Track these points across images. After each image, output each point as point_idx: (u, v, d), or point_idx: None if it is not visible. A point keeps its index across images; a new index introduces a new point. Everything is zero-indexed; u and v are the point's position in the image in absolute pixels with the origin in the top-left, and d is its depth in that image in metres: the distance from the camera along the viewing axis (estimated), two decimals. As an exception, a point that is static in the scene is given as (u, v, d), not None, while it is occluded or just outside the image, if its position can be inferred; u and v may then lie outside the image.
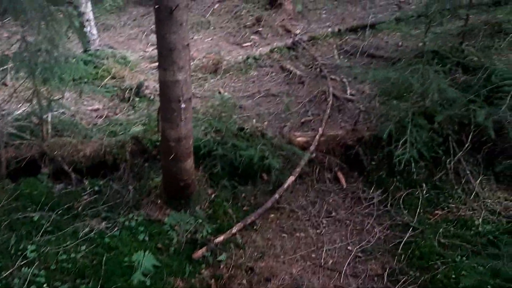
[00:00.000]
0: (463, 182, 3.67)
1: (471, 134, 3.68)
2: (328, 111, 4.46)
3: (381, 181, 3.86)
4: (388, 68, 4.32)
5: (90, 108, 4.87)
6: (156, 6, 2.69)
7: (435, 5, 4.53)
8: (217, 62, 5.89)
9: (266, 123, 4.51)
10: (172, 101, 2.92)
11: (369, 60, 5.90)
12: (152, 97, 5.04)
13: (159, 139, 3.39)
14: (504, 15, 5.90)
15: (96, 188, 3.67)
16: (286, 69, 5.75)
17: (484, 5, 6.24)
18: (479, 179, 3.66)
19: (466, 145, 3.69)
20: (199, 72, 5.79)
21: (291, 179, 3.72)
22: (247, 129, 4.09)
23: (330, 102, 4.62)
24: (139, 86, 5.27)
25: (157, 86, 5.18)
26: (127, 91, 5.15)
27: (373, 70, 3.85)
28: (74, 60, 5.23)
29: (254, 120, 4.51)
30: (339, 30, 6.50)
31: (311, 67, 5.77)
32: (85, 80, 5.29)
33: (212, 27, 7.14)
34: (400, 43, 6.27)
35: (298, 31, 6.66)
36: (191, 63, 5.94)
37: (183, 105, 2.94)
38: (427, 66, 3.42)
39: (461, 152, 3.70)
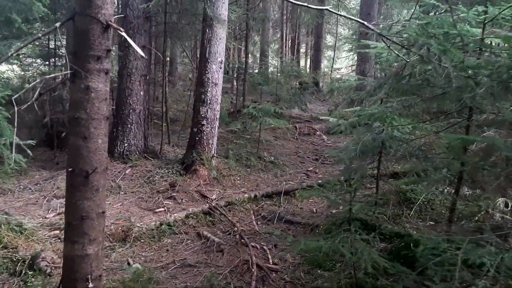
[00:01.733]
0: None
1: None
2: (254, 284, 4.09)
3: None
4: (317, 236, 4.22)
5: (-33, 286, 4.02)
6: (70, 169, 2.38)
7: (353, 173, 4.75)
8: (127, 229, 5.41)
9: (183, 299, 3.99)
10: (78, 280, 2.42)
11: (287, 226, 5.83)
12: (49, 270, 4.33)
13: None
14: (405, 185, 6.39)
15: None
16: (203, 236, 5.42)
17: (384, 176, 6.77)
18: None
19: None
20: (107, 240, 5.22)
21: None
22: (163, 309, 3.55)
23: (255, 273, 4.28)
24: (35, 257, 4.56)
25: (56, 257, 4.55)
26: (19, 263, 4.39)
27: (303, 240, 3.67)
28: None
29: (170, 297, 3.97)
30: (255, 196, 6.52)
31: (230, 234, 5.52)
32: (-32, 251, 4.48)
33: (123, 192, 6.79)
34: (314, 210, 6.38)
35: (214, 196, 6.55)
36: (98, 230, 5.42)
37: (91, 285, 2.44)
38: (356, 235, 3.33)
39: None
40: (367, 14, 12.84)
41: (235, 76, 15.80)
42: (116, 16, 6.85)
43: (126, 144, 7.81)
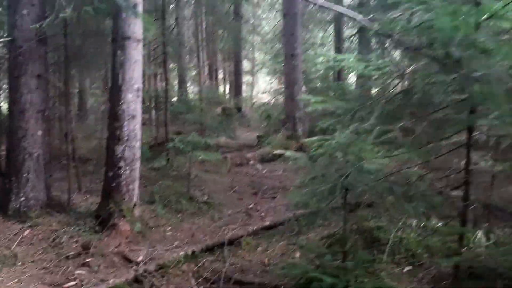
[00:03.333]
0: None
1: None
2: None
3: None
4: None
5: None
6: None
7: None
8: (22, 323, 3.94)
9: None
10: None
11: (238, 290, 4.67)
12: None
13: None
14: (364, 218, 5.60)
15: None
16: (130, 319, 4.09)
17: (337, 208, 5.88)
18: None
19: None
20: None
21: None
22: None
23: None
24: None
25: None
26: None
27: None
28: None
29: None
30: (193, 252, 5.27)
31: (165, 311, 4.24)
32: None
33: (20, 263, 5.21)
34: (266, 261, 5.28)
35: (140, 258, 5.19)
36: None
37: None
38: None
39: None
40: (291, 35, 12.31)
41: (153, 105, 14.49)
42: (1, 40, 5.16)
43: (22, 198, 6.21)
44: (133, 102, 5.99)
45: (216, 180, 9.11)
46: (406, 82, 2.65)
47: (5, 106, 10.32)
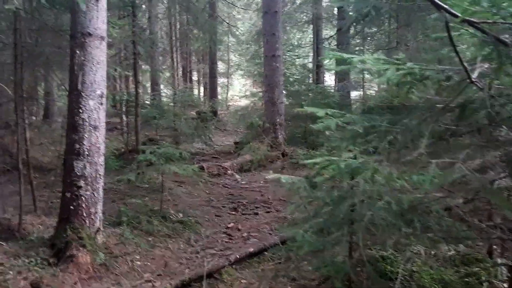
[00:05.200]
0: None
1: None
2: None
3: None
4: None
5: None
6: None
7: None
8: None
9: None
10: None
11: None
12: None
13: None
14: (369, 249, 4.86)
15: None
16: None
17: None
18: None
19: None
20: None
21: None
22: None
23: None
24: None
25: None
26: None
27: None
28: None
29: None
30: (166, 290, 4.45)
31: None
32: None
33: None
34: (252, 298, 4.51)
35: (102, 299, 4.34)
36: None
37: None
38: None
39: None
40: (272, 34, 11.62)
41: (123, 110, 13.54)
42: None
43: (-38, 224, 5.25)
44: (95, 111, 5.12)
45: (191, 193, 8.29)
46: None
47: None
